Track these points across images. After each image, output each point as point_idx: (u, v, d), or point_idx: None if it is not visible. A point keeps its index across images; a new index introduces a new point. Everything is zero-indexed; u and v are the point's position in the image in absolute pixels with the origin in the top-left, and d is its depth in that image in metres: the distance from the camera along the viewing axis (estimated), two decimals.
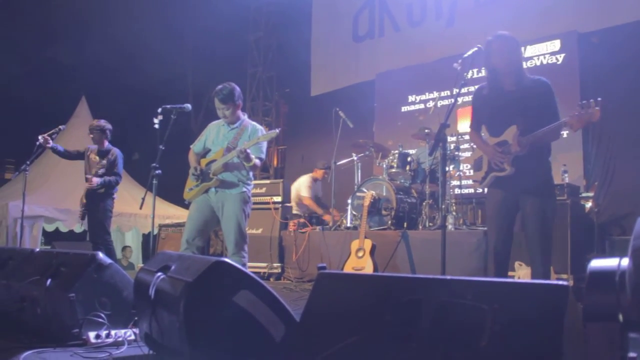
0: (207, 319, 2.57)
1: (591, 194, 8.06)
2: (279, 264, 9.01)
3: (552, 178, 4.66)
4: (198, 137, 5.91)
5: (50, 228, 12.54)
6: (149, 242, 6.56)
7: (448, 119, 4.23)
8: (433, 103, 10.34)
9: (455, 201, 7.89)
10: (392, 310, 2.01)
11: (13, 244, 10.58)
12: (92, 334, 3.47)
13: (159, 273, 2.98)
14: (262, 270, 8.92)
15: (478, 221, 8.39)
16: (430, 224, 7.55)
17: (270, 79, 14.95)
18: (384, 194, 7.88)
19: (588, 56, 8.87)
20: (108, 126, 7.84)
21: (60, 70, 15.86)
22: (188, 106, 6.07)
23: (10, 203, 11.26)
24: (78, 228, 12.12)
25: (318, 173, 9.93)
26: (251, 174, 5.69)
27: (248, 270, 5.53)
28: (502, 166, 4.43)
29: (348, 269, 6.87)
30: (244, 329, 2.59)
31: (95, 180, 7.39)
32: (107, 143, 7.82)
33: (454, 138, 8.47)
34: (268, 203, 9.41)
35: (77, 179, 7.92)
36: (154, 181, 5.82)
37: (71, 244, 10.28)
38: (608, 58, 8.48)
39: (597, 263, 1.54)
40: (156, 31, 14.01)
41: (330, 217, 8.93)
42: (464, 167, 9.32)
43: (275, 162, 15.10)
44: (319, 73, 13.18)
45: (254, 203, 9.51)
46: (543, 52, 9.25)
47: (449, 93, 10.19)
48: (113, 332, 3.53)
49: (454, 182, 8.49)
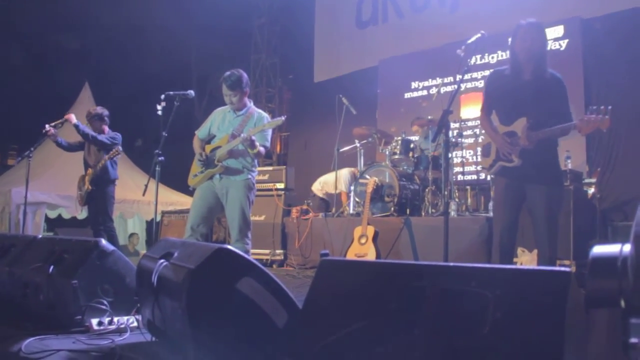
0: (210, 306, 2.57)
1: (594, 180, 8.06)
2: (282, 251, 9.03)
3: (560, 167, 4.67)
4: (203, 123, 5.93)
5: (52, 215, 12.56)
6: (152, 229, 6.55)
7: (451, 106, 4.22)
8: (436, 89, 10.32)
9: (458, 187, 7.88)
10: (395, 296, 2.01)
11: (16, 231, 10.60)
12: (95, 321, 3.47)
13: (162, 260, 2.98)
14: (265, 257, 8.94)
15: (481, 207, 8.38)
16: (432, 211, 7.55)
17: (273, 66, 14.92)
18: (387, 181, 7.88)
19: (592, 42, 8.83)
20: (105, 112, 7.83)
21: (63, 56, 15.85)
22: (191, 93, 6.06)
23: (13, 189, 11.28)
24: (81, 215, 12.12)
25: (357, 171, 9.83)
26: (256, 161, 5.70)
27: (251, 257, 5.61)
28: (510, 157, 4.43)
29: (351, 256, 6.87)
30: (247, 316, 2.58)
31: (73, 117, 7.44)
32: (107, 129, 7.81)
33: (457, 124, 8.46)
34: (271, 190, 9.41)
35: (81, 166, 7.91)
36: (157, 168, 5.80)
37: (74, 231, 10.32)
38: (612, 44, 8.45)
39: (599, 249, 1.53)
40: (159, 18, 13.98)
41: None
42: (467, 154, 9.31)
43: (278, 149, 15.08)
44: (322, 59, 13.16)
45: (257, 190, 9.56)
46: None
47: (452, 79, 10.16)
48: (116, 319, 3.53)
49: (457, 169, 8.48)
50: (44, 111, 14.75)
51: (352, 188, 8.43)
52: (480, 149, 9.05)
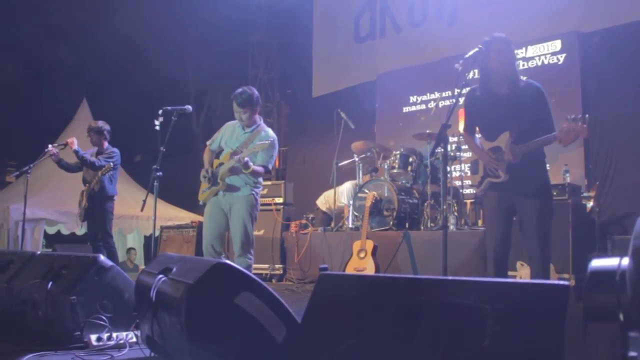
0: (209, 321, 2.57)
1: (592, 194, 8.05)
2: (281, 265, 9.02)
3: (548, 179, 4.66)
4: (215, 134, 6.06)
5: (51, 231, 12.53)
6: (151, 244, 6.54)
7: (449, 119, 4.23)
8: (434, 103, 10.33)
9: (456, 201, 7.88)
10: (394, 311, 2.01)
11: (14, 247, 10.57)
12: (94, 337, 3.47)
13: (160, 275, 2.98)
14: (264, 271, 8.93)
15: (479, 221, 8.38)
16: (431, 224, 7.55)
17: (271, 80, 14.94)
18: (386, 195, 7.88)
19: (589, 56, 8.85)
20: (106, 127, 7.80)
21: (61, 72, 15.87)
22: (189, 108, 6.07)
23: (11, 206, 11.25)
24: (80, 231, 12.09)
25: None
26: (260, 177, 5.77)
27: (253, 272, 5.62)
28: (497, 173, 4.44)
29: (350, 270, 6.87)
30: (246, 331, 2.59)
31: (74, 143, 7.42)
32: (107, 144, 7.79)
33: (455, 138, 8.47)
34: (270, 204, 9.41)
35: (79, 182, 7.92)
36: (155, 183, 5.82)
37: (73, 247, 10.29)
38: (609, 58, 8.47)
39: (598, 262, 1.53)
40: (157, 33, 14.03)
41: None
42: (466, 167, 9.31)
43: (277, 164, 15.08)
44: (321, 74, 13.17)
45: None
46: (544, 52, 9.23)
47: (450, 93, 10.18)
48: (114, 335, 3.53)
49: (456, 183, 8.49)
50: (42, 127, 14.82)
51: (351, 202, 8.43)
52: (468, 166, 9.13)
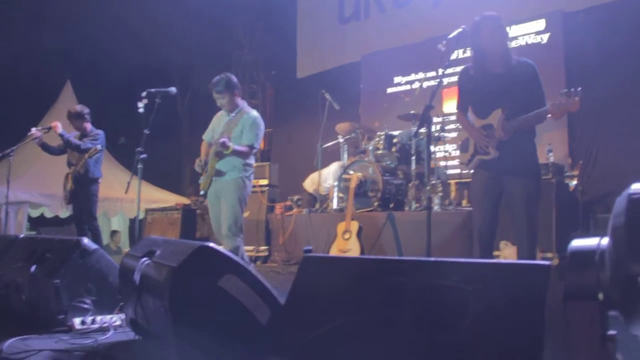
0: (192, 304, 2.57)
1: (576, 173, 8.09)
2: (266, 247, 9.03)
3: (537, 159, 4.67)
4: (208, 127, 6.16)
5: (35, 213, 12.46)
6: (135, 227, 6.53)
7: (433, 100, 4.23)
8: (419, 84, 10.33)
9: (441, 182, 7.90)
10: (376, 292, 2.02)
11: None
12: (78, 320, 3.47)
13: (144, 258, 2.98)
14: (249, 253, 8.93)
15: (464, 201, 8.41)
16: (416, 205, 7.56)
17: (256, 62, 14.88)
18: (371, 176, 7.88)
19: (573, 35, 8.86)
20: (85, 110, 7.77)
21: (44, 53, 15.70)
22: (173, 89, 6.04)
23: None
24: (64, 213, 12.04)
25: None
26: (249, 160, 5.83)
27: (245, 253, 5.74)
28: (487, 150, 4.45)
29: (334, 251, 6.88)
30: (229, 313, 2.59)
31: (60, 130, 7.36)
32: (90, 126, 7.76)
33: (440, 119, 8.48)
34: (255, 186, 9.39)
35: (63, 164, 7.88)
36: (140, 165, 5.81)
37: (57, 230, 10.25)
38: (593, 37, 8.48)
39: (578, 242, 1.55)
40: (141, 14, 13.87)
41: None
42: (450, 148, 9.33)
43: (262, 145, 15.05)
44: (305, 55, 13.14)
45: None
46: (528, 32, 9.24)
47: (435, 74, 10.17)
48: (98, 318, 3.53)
49: (441, 163, 8.51)
50: (25, 110, 14.67)
51: (336, 184, 8.43)
52: (454, 146, 9.15)
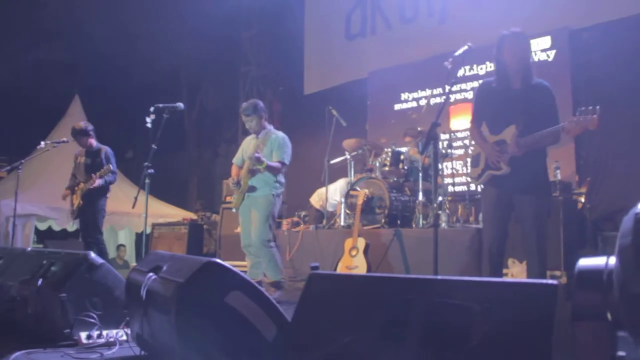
0: (199, 320, 2.57)
1: (584, 191, 8.07)
2: None
3: (548, 177, 4.68)
4: (237, 152, 6.68)
5: (42, 226, 12.49)
6: (142, 241, 6.54)
7: (440, 117, 4.23)
8: (425, 101, 10.34)
9: (448, 199, 7.88)
10: (384, 310, 2.01)
11: (5, 243, 10.54)
12: (84, 334, 3.46)
13: (151, 273, 2.98)
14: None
15: (471, 219, 8.39)
16: (423, 222, 7.54)
17: (263, 78, 14.92)
18: (378, 192, 7.87)
19: (579, 52, 8.88)
20: (89, 127, 7.82)
21: (53, 67, 15.80)
22: (180, 105, 6.08)
23: (2, 201, 11.21)
24: (71, 227, 12.08)
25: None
26: (280, 177, 6.35)
27: (279, 260, 6.25)
28: (499, 165, 4.44)
29: (341, 268, 6.86)
30: (236, 330, 2.58)
31: (98, 181, 7.36)
32: (95, 142, 7.80)
33: (447, 136, 8.47)
34: None
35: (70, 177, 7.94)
36: (147, 180, 5.83)
37: (64, 243, 10.26)
38: (599, 54, 8.49)
39: (585, 262, 1.54)
40: (151, 30, 13.97)
41: None
42: (457, 165, 9.32)
43: None
44: (312, 71, 13.17)
45: None
46: (534, 49, 9.23)
47: (442, 91, 10.19)
48: (104, 333, 3.52)
49: (448, 180, 8.49)
50: (34, 123, 14.74)
51: (343, 200, 8.42)
52: (469, 160, 9.14)
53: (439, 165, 8.04)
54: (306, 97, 13.04)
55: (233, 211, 6.57)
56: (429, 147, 4.39)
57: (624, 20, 8.37)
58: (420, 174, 7.75)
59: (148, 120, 5.89)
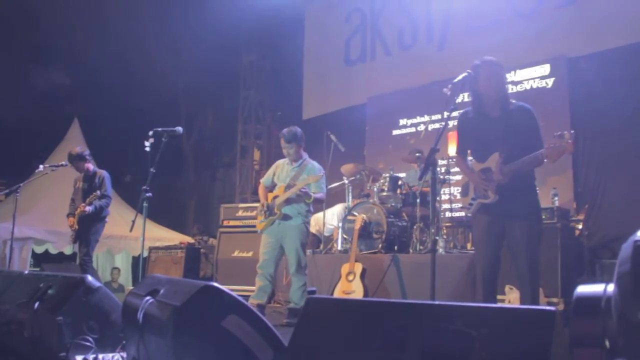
0: (195, 344, 2.56)
1: (581, 217, 8.08)
2: None
3: (539, 202, 4.68)
4: (267, 172, 6.96)
5: (39, 250, 12.46)
6: (139, 265, 6.53)
7: (438, 143, 4.25)
8: (424, 127, 10.37)
9: (446, 225, 7.88)
10: (381, 335, 2.01)
11: (2, 266, 10.51)
12: (80, 358, 3.44)
13: (148, 297, 2.97)
14: (252, 293, 8.88)
15: (468, 245, 8.38)
16: (421, 248, 7.54)
17: (262, 102, 14.99)
18: (375, 217, 7.87)
19: (577, 80, 8.93)
20: (86, 151, 7.90)
21: (52, 91, 15.85)
22: (179, 129, 6.10)
23: None
24: (68, 250, 12.06)
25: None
26: (310, 207, 6.53)
27: (308, 286, 6.43)
28: (486, 194, 4.45)
29: (338, 293, 6.84)
30: (232, 353, 2.57)
31: (87, 208, 7.40)
32: (92, 166, 7.85)
33: (445, 161, 8.49)
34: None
35: (68, 201, 7.95)
36: (145, 203, 5.84)
37: (61, 266, 10.23)
38: (597, 82, 8.54)
39: (584, 289, 1.54)
40: (149, 54, 14.05)
41: None
42: (455, 191, 9.34)
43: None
44: (311, 96, 13.22)
45: (245, 226, 9.52)
46: (533, 77, 9.31)
47: (440, 117, 10.23)
48: (101, 356, 3.51)
49: (445, 206, 8.50)
50: (33, 147, 14.76)
51: (341, 225, 8.42)
52: (459, 189, 9.15)
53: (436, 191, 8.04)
54: (305, 122, 13.04)
55: (258, 232, 6.68)
56: (427, 173, 4.40)
57: (622, 48, 8.43)
58: (417, 200, 7.76)
59: (147, 144, 5.92)
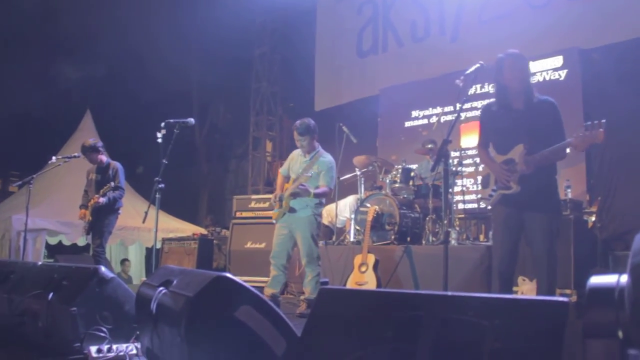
0: (208, 334, 2.57)
1: (594, 210, 8.04)
2: None
3: (559, 195, 4.67)
4: (285, 162, 7.01)
5: (53, 241, 12.53)
6: (152, 256, 6.55)
7: (450, 135, 4.24)
8: (436, 118, 10.34)
9: (458, 216, 7.86)
10: (393, 326, 2.01)
11: (16, 257, 10.58)
12: (94, 349, 3.46)
13: (161, 287, 2.98)
14: (265, 284, 8.90)
15: (481, 236, 8.37)
16: (433, 239, 7.53)
17: (274, 94, 15.00)
18: (388, 209, 7.87)
19: (590, 72, 8.89)
20: (99, 143, 7.91)
21: (65, 83, 15.92)
22: (191, 120, 6.11)
23: (13, 216, 11.27)
24: (82, 241, 12.12)
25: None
26: (323, 199, 6.59)
27: (321, 277, 6.50)
28: (509, 184, 4.44)
29: (351, 284, 6.85)
30: (245, 344, 2.58)
31: (101, 200, 7.43)
32: (105, 158, 7.87)
33: (457, 153, 8.47)
34: (271, 217, 9.40)
35: (81, 192, 7.99)
36: (157, 195, 5.86)
37: (74, 257, 10.29)
38: (610, 74, 8.50)
39: (597, 279, 1.54)
40: (161, 45, 14.06)
41: None
42: (468, 182, 9.32)
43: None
44: (323, 88, 13.20)
45: (257, 217, 9.53)
46: (546, 68, 9.26)
47: (452, 108, 10.21)
48: (115, 347, 3.52)
49: (458, 197, 8.48)
50: (45, 139, 14.84)
51: (353, 216, 8.42)
52: (480, 178, 9.13)
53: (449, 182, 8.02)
54: (317, 114, 13.03)
55: (273, 222, 6.74)
56: (440, 165, 4.39)
57: (634, 40, 8.38)
58: (430, 191, 7.74)
59: (159, 135, 5.92)
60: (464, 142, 9.30)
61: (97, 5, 14.57)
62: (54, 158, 7.95)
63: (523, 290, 6.09)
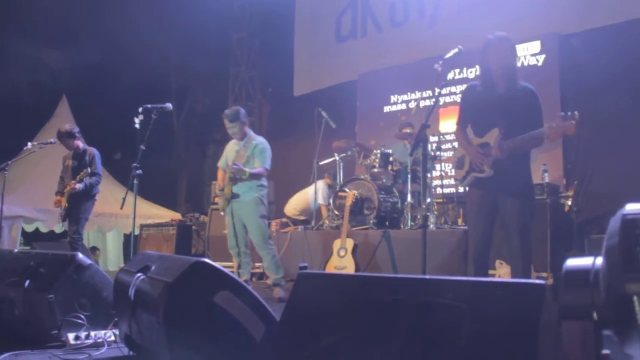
0: (187, 320, 2.57)
1: (571, 194, 8.12)
2: (261, 264, 8.99)
3: (532, 180, 4.69)
4: (222, 156, 6.94)
5: (29, 228, 12.43)
6: (130, 242, 6.53)
7: (429, 119, 4.25)
8: (415, 103, 10.36)
9: (437, 201, 7.90)
10: (372, 309, 2.02)
11: None
12: (72, 335, 3.45)
13: (139, 274, 2.98)
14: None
15: (459, 220, 8.42)
16: (412, 224, 7.57)
17: (252, 79, 14.91)
18: (366, 194, 7.89)
19: (568, 58, 8.93)
20: (75, 129, 7.83)
21: (40, 69, 15.73)
22: (169, 105, 6.07)
23: None
24: (59, 228, 12.03)
25: (328, 181, 9.71)
26: (262, 180, 6.64)
27: (276, 257, 6.57)
28: (482, 167, 4.46)
29: (330, 269, 6.87)
30: (224, 329, 2.58)
31: (77, 186, 7.37)
32: (82, 144, 7.80)
33: (436, 138, 8.49)
34: None
35: (57, 179, 7.91)
36: (135, 181, 5.83)
37: (51, 245, 10.22)
38: (588, 60, 8.56)
39: (572, 262, 1.55)
40: (139, 30, 13.93)
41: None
42: (446, 167, 9.35)
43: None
44: (302, 73, 13.16)
45: None
46: (524, 53, 9.28)
47: (431, 93, 10.23)
48: (93, 333, 3.51)
49: (436, 182, 8.51)
50: (20, 125, 14.66)
51: (331, 201, 8.43)
52: (450, 165, 9.18)
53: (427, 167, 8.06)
54: (296, 99, 13.03)
55: (221, 214, 6.75)
56: (418, 149, 4.41)
57: (613, 26, 8.42)
58: (409, 176, 7.76)
59: (136, 121, 5.89)
60: (443, 127, 9.33)
61: None
62: (30, 144, 7.86)
63: (500, 273, 6.14)
